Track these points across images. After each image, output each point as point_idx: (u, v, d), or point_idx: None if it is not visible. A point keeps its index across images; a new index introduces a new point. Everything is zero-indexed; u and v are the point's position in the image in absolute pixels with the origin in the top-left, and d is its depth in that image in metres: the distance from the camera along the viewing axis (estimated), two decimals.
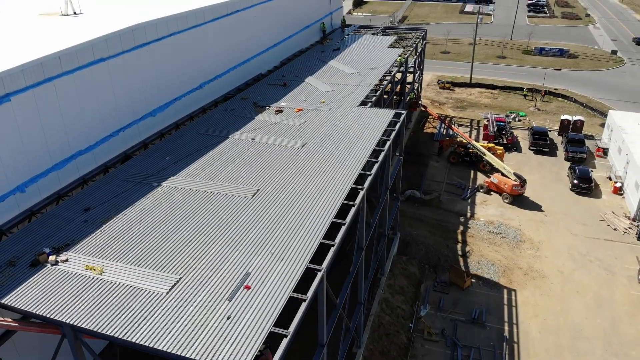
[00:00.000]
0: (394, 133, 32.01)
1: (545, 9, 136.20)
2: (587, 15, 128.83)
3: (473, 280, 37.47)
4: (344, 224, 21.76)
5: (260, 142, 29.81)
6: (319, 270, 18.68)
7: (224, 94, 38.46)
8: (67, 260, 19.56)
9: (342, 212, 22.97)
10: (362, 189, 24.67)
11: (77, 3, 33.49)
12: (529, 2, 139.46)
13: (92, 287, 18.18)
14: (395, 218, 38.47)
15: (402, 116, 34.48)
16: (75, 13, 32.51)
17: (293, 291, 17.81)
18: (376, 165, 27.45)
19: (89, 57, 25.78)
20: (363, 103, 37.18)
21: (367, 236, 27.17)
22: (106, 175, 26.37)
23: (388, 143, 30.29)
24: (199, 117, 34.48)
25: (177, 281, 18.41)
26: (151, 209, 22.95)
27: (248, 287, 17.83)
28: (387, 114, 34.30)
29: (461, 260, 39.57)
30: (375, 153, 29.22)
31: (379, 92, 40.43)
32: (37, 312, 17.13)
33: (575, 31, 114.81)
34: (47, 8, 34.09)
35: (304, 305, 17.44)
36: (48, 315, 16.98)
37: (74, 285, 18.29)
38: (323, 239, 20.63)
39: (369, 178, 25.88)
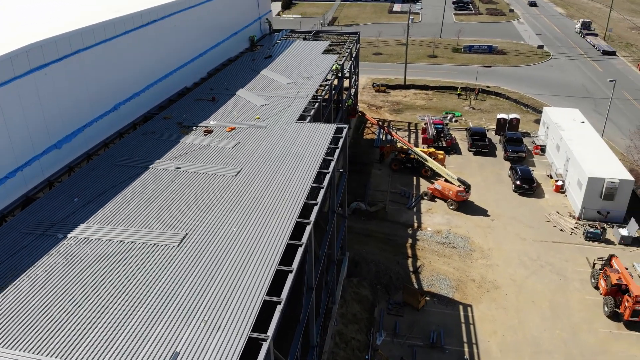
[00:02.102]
0: (337, 151, 29.25)
1: (471, 6, 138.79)
2: (511, 10, 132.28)
3: (427, 298, 35.42)
4: (291, 272, 18.65)
5: (187, 171, 26.12)
6: (264, 340, 15.47)
7: (143, 113, 34.31)
8: None
9: (288, 251, 19.90)
10: (308, 224, 21.64)
11: None
12: None
13: None
14: (344, 238, 35.80)
15: (344, 131, 31.82)
16: None
17: None
18: (322, 192, 24.52)
19: None
20: (302, 117, 34.25)
21: (316, 273, 24.21)
22: (2, 227, 21.91)
23: (332, 164, 27.45)
24: (114, 143, 30.24)
25: None
26: (55, 272, 18.84)
27: None
28: (328, 130, 31.50)
29: (413, 277, 37.48)
30: (319, 176, 26.31)
31: (317, 103, 37.61)
32: None
33: (500, 27, 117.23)
34: None
35: None
36: None
37: None
38: (267, 294, 17.44)
39: (315, 208, 22.90)
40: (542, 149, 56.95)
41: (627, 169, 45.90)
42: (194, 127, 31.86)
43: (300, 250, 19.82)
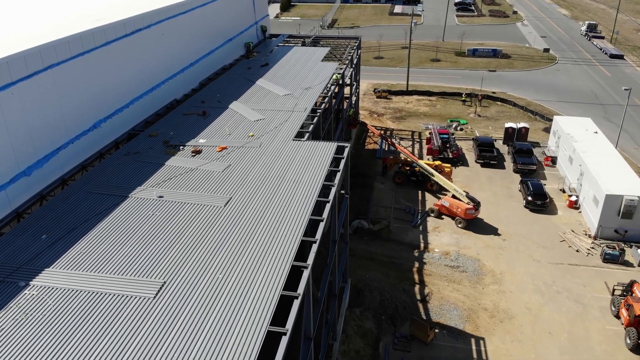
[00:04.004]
0: (339, 175, 26.52)
1: (473, 8, 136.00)
2: (515, 12, 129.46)
3: (437, 330, 32.66)
4: (285, 334, 15.88)
5: (170, 201, 23.37)
6: None
7: (127, 130, 31.58)
8: None
9: (283, 302, 17.19)
10: (306, 267, 18.87)
11: None
12: (456, 1, 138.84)
13: None
14: (346, 264, 33.06)
15: (346, 150, 29.12)
16: None
17: None
18: (321, 226, 21.77)
19: None
20: (299, 134, 31.55)
21: (315, 319, 21.46)
22: None
23: (333, 190, 24.72)
24: (93, 166, 27.49)
25: None
26: (12, 332, 16.09)
27: None
28: (328, 149, 28.79)
29: (421, 306, 34.70)
30: (318, 205, 23.59)
31: (316, 118, 34.87)
32: None
33: (504, 29, 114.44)
34: None
35: None
36: None
37: None
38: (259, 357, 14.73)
39: (314, 248, 20.13)
40: (553, 160, 54.19)
41: None
42: (181, 147, 29.10)
43: (296, 303, 17.07)
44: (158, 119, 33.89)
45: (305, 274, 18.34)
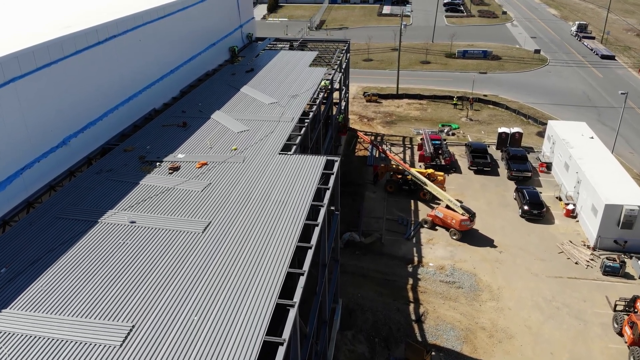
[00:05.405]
0: (328, 193, 24.66)
1: (462, 8, 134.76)
2: (504, 13, 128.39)
3: (433, 353, 30.91)
4: None
5: (144, 227, 21.36)
6: None
7: (101, 144, 29.47)
8: None
9: (265, 349, 15.31)
10: (292, 306, 16.97)
11: None
12: (445, 1, 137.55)
13: None
14: (337, 285, 31.20)
15: (336, 164, 27.28)
16: None
17: None
18: (309, 254, 19.89)
19: None
20: (286, 147, 29.64)
21: (303, 357, 19.58)
22: None
23: (322, 211, 22.85)
24: (62, 185, 25.38)
25: None
26: None
27: None
28: (317, 164, 26.93)
29: (416, 326, 32.93)
30: (306, 229, 21.71)
31: (304, 129, 32.98)
32: None
33: (494, 30, 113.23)
34: None
35: None
36: None
37: None
38: None
39: (302, 281, 18.25)
40: (548, 166, 52.75)
41: None
42: (158, 163, 27.06)
43: (281, 350, 15.17)
44: (135, 131, 31.77)
45: (292, 314, 16.45)
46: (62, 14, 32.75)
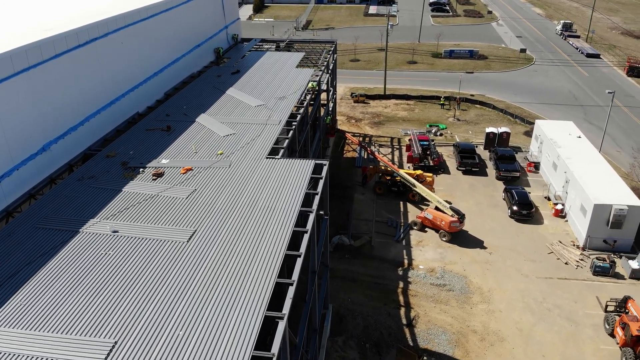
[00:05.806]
0: (317, 198, 24.13)
1: (448, 8, 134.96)
2: (489, 12, 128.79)
3: (425, 358, 30.52)
4: None
5: (126, 236, 20.66)
6: None
7: (83, 150, 28.69)
8: None
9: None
10: (281, 318, 16.41)
11: None
12: (431, 1, 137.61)
13: None
14: (327, 290, 30.65)
15: (325, 168, 26.78)
16: None
17: None
18: (299, 262, 19.35)
19: None
20: (273, 151, 29.07)
21: None
22: None
23: (311, 217, 22.32)
24: (42, 194, 24.57)
25: None
26: None
27: None
28: (305, 168, 26.41)
29: (407, 331, 32.53)
30: (295, 236, 21.16)
31: (291, 131, 32.41)
32: None
33: (480, 30, 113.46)
34: None
35: None
36: None
37: None
38: None
39: (291, 290, 17.70)
40: (536, 166, 52.70)
41: (631, 189, 41.79)
42: (141, 169, 26.34)
43: None
44: (118, 136, 30.99)
45: (281, 326, 15.89)
46: (43, 16, 31.85)
